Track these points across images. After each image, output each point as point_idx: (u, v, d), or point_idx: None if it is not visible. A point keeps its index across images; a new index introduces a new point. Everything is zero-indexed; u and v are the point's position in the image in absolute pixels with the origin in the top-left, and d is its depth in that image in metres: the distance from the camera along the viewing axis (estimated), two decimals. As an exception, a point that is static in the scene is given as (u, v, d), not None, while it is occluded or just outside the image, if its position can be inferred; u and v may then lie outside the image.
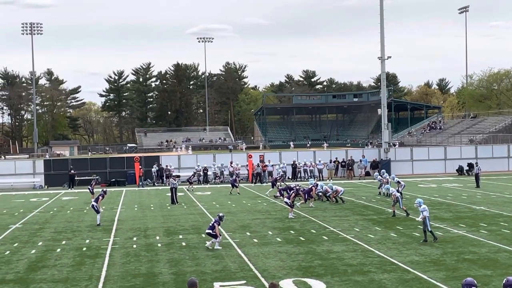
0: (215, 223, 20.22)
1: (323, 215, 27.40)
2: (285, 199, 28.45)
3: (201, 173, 47.27)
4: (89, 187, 36.41)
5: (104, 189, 28.69)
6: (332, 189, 32.64)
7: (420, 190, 38.18)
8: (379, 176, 36.52)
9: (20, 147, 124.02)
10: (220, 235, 20.59)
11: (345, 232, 22.59)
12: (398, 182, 32.46)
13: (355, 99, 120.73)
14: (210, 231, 20.15)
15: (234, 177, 42.20)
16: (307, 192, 31.02)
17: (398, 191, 28.22)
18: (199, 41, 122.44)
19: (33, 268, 17.88)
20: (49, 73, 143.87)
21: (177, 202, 33.37)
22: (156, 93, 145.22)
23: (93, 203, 26.59)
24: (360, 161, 49.49)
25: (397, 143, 78.50)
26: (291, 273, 16.53)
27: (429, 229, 20.43)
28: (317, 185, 32.96)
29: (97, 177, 41.34)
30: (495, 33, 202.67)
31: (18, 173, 48.07)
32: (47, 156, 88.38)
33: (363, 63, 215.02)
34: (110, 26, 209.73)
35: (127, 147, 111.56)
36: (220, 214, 21.05)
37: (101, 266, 17.88)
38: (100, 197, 26.87)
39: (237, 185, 39.27)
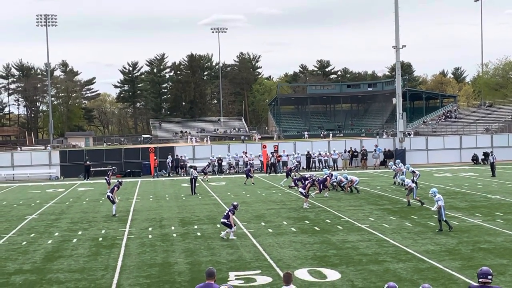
0: (229, 212, 20.27)
1: (337, 205, 27.38)
2: (300, 189, 28.43)
3: (216, 163, 47.36)
4: (105, 177, 36.60)
5: (120, 180, 28.84)
6: (347, 179, 32.59)
7: (436, 179, 38.01)
8: (393, 166, 36.43)
9: (36, 138, 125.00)
10: (235, 225, 20.66)
11: (360, 222, 22.56)
12: (413, 171, 32.30)
13: (370, 89, 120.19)
14: (225, 220, 20.18)
15: (248, 167, 42.25)
16: (321, 182, 30.97)
17: (413, 181, 28.24)
18: (212, 32, 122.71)
19: (50, 258, 18.04)
20: (64, 64, 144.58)
21: (195, 193, 33.44)
22: (170, 84, 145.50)
23: (109, 193, 26.74)
24: (375, 151, 49.30)
25: (412, 133, 78.19)
26: (306, 262, 16.55)
27: (444, 219, 20.34)
28: (331, 175, 32.91)
29: (113, 168, 41.51)
30: (510, 21, 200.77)
31: (34, 164, 48.41)
32: (47, 147, 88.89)
33: (378, 52, 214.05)
34: (124, 18, 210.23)
35: (142, 138, 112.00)
36: (235, 203, 21.07)
37: (117, 256, 18.00)
38: (116, 188, 27.01)
39: (252, 175, 39.29)
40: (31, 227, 23.89)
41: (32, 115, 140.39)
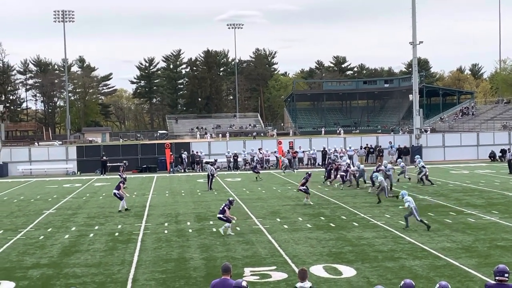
0: (225, 207, 20.39)
1: (353, 202, 27.32)
2: (300, 187, 27.82)
3: (231, 159, 47.40)
4: (119, 173, 36.77)
5: (124, 176, 28.74)
6: (359, 167, 33.41)
7: (452, 176, 37.78)
8: (402, 163, 36.49)
9: (53, 133, 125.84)
10: (234, 219, 20.79)
11: (376, 219, 22.49)
12: (423, 166, 32.70)
13: (386, 85, 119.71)
14: (221, 215, 20.32)
15: (254, 163, 42.14)
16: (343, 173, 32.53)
17: (421, 177, 30.90)
18: (229, 28, 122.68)
19: (67, 253, 18.17)
20: (81, 60, 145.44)
21: (211, 189, 33.50)
22: (187, 80, 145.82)
23: (115, 191, 26.74)
24: (391, 147, 49.10)
25: (429, 129, 77.77)
26: (321, 259, 16.54)
27: (419, 219, 20.21)
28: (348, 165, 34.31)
29: (124, 162, 41.64)
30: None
31: (51, 159, 48.77)
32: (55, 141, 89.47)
33: (395, 48, 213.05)
34: (141, 14, 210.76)
35: (158, 134, 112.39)
36: (230, 199, 21.24)
37: (133, 251, 18.10)
38: (121, 184, 27.03)
39: (257, 171, 39.50)
40: (48, 222, 24.08)
41: (50, 110, 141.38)
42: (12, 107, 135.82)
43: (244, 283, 9.64)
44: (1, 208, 28.68)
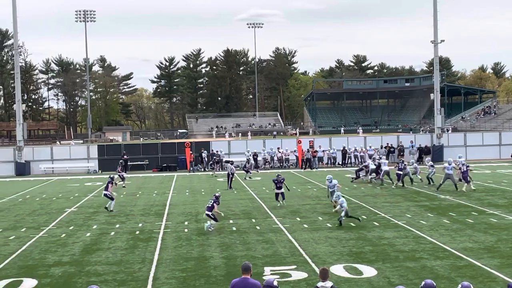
0: (214, 203, 20.72)
1: (374, 201, 27.20)
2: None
3: (251, 158, 47.39)
4: (118, 173, 37.10)
5: (111, 176, 28.60)
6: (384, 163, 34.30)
7: (474, 176, 37.31)
8: (415, 164, 36.42)
9: (75, 132, 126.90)
10: (221, 215, 21.76)
11: (397, 218, 22.37)
12: (432, 166, 32.91)
13: (407, 84, 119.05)
14: (209, 212, 20.63)
15: (249, 164, 41.82)
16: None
17: (428, 177, 31.91)
18: (249, 27, 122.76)
19: (88, 251, 18.31)
20: (102, 59, 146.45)
21: (231, 188, 33.57)
22: (206, 79, 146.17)
23: (105, 192, 26.58)
24: (412, 146, 48.83)
25: (450, 129, 77.20)
26: (341, 258, 16.49)
27: (349, 215, 21.21)
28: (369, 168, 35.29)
29: (121, 162, 41.58)
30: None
31: (73, 158, 49.18)
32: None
33: (415, 47, 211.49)
34: (161, 13, 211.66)
35: (178, 133, 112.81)
36: (217, 194, 21.48)
37: (154, 250, 18.18)
38: (110, 185, 26.77)
39: (247, 169, 40.04)
40: (70, 220, 24.28)
41: (71, 109, 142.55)
42: (34, 106, 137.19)
43: (275, 282, 9.66)
44: (24, 206, 28.98)
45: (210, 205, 20.71)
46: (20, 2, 64.82)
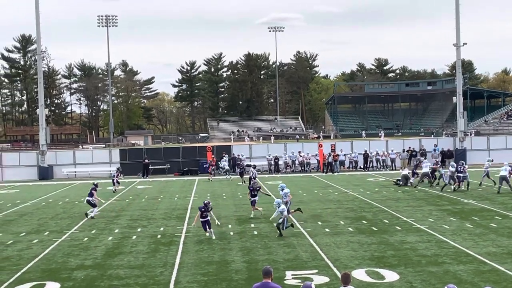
0: (207, 212, 20.45)
1: (396, 205, 27.02)
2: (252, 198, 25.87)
3: (272, 162, 47.41)
4: (113, 178, 37.34)
5: (95, 182, 28.65)
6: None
7: (497, 180, 36.96)
8: (454, 164, 36.05)
9: (97, 136, 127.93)
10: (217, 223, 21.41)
11: (419, 223, 22.19)
12: (437, 165, 33.62)
13: (429, 87, 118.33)
14: (206, 220, 20.38)
15: (241, 169, 41.56)
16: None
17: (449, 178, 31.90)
18: (270, 31, 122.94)
19: (110, 255, 18.40)
20: (124, 64, 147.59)
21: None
22: (228, 83, 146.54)
23: (88, 198, 26.38)
24: (434, 150, 48.45)
25: (473, 132, 76.50)
26: (363, 263, 16.39)
27: (284, 227, 20.28)
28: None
29: (118, 167, 41.74)
30: None
31: (95, 162, 49.53)
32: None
33: (438, 50, 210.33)
34: (182, 18, 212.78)
35: (199, 137, 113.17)
36: (205, 201, 20.96)
37: (175, 253, 18.22)
38: (94, 191, 26.72)
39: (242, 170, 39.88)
40: (92, 224, 24.43)
41: (93, 114, 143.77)
42: (57, 111, 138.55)
43: (313, 285, 9.65)
44: (47, 210, 29.23)
45: (205, 214, 20.37)
46: (43, 8, 65.55)
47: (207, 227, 20.33)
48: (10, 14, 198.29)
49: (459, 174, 32.00)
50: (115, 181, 37.11)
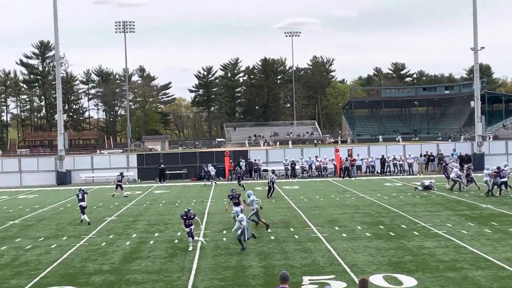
0: (190, 220, 19.86)
1: (413, 210, 26.88)
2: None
3: (289, 167, 47.36)
4: (117, 182, 37.57)
5: (82, 188, 28.68)
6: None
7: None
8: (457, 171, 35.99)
9: (114, 142, 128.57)
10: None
11: (437, 228, 22.05)
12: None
13: (447, 92, 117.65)
14: (190, 229, 19.81)
15: (241, 173, 41.67)
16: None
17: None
18: (286, 36, 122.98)
19: (128, 259, 18.48)
20: (141, 69, 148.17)
21: (270, 197, 33.50)
22: (244, 88, 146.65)
23: (82, 203, 26.55)
24: (452, 155, 48.12)
25: (491, 137, 75.94)
26: (381, 268, 16.32)
27: (246, 239, 19.37)
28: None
29: (121, 172, 41.89)
30: None
31: (112, 167, 49.77)
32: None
33: (455, 54, 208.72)
34: (199, 23, 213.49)
35: (216, 142, 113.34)
36: (186, 209, 20.38)
37: (192, 258, 18.26)
38: (85, 195, 27.01)
39: (241, 183, 39.50)
40: (110, 229, 24.56)
41: (111, 119, 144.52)
42: (75, 116, 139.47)
43: None
44: (65, 215, 29.45)
45: (189, 222, 19.78)
46: (61, 14, 66.08)
47: (191, 237, 19.69)
48: (29, 21, 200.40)
49: (502, 180, 31.56)
50: (120, 186, 37.50)
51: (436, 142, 69.95)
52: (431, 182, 35.38)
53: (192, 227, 19.90)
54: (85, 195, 26.97)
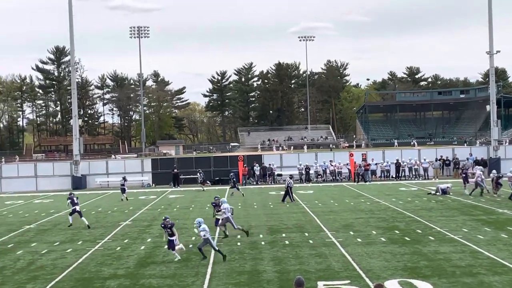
0: (168, 230, 19.23)
1: (429, 215, 26.71)
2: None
3: (303, 171, 47.27)
4: (121, 186, 37.78)
5: (71, 193, 28.86)
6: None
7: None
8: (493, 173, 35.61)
9: (129, 146, 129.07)
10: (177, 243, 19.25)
11: (453, 233, 21.89)
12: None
13: (462, 96, 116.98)
14: (173, 238, 19.03)
15: (233, 179, 39.97)
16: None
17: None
18: (300, 40, 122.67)
19: (143, 264, 18.52)
20: (156, 74, 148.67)
21: (284, 201, 33.43)
22: (258, 92, 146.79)
23: (75, 207, 26.90)
24: (467, 159, 47.78)
25: (507, 141, 75.38)
26: (396, 273, 16.23)
27: (216, 249, 18.79)
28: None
29: (124, 176, 41.83)
30: None
31: (127, 171, 49.92)
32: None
33: (470, 58, 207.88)
34: (213, 27, 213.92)
35: (230, 146, 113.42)
36: (163, 218, 19.94)
37: (207, 263, 18.25)
38: (77, 199, 27.56)
39: (237, 187, 38.95)
40: (124, 233, 24.63)
41: (126, 124, 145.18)
42: (90, 121, 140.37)
43: None
44: (80, 219, 29.52)
45: (170, 231, 19.12)
46: (77, 20, 66.55)
47: (171, 248, 18.95)
48: (45, 26, 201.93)
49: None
50: (123, 189, 37.75)
51: (452, 146, 69.54)
52: (447, 186, 35.14)
53: (175, 237, 19.06)
54: (76, 199, 27.55)
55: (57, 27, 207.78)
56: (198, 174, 44.05)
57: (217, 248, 18.99)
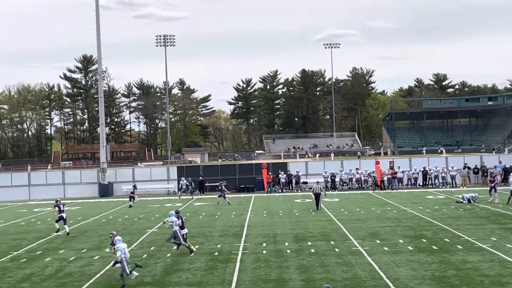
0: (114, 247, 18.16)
1: (456, 224, 26.40)
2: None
3: (329, 179, 47.07)
4: (130, 194, 38.13)
5: (57, 200, 29.27)
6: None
7: None
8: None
9: (155, 154, 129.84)
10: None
11: (481, 242, 21.61)
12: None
13: (490, 102, 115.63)
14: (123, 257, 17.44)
15: (222, 186, 39.19)
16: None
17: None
18: (325, 47, 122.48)
19: (169, 271, 18.57)
20: (181, 82, 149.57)
21: (319, 209, 33.30)
22: (283, 100, 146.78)
23: (62, 214, 28.00)
24: (495, 167, 47.13)
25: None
26: (424, 282, 16.06)
27: (128, 272, 17.27)
28: None
29: (134, 185, 41.71)
30: None
31: (153, 179, 50.23)
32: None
33: (498, 64, 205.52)
34: (238, 36, 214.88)
35: (255, 154, 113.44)
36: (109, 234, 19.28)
37: (233, 271, 18.26)
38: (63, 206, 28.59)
39: (224, 195, 38.41)
40: (151, 241, 24.75)
41: (152, 131, 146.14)
42: (116, 129, 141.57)
43: None
44: (107, 227, 29.76)
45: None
46: (103, 29, 67.39)
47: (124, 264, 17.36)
48: (72, 36, 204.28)
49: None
50: (132, 197, 38.29)
51: (480, 154, 68.75)
52: (471, 195, 34.65)
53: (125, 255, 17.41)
54: (63, 206, 28.47)
55: (84, 36, 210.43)
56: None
57: (187, 244, 20.57)
